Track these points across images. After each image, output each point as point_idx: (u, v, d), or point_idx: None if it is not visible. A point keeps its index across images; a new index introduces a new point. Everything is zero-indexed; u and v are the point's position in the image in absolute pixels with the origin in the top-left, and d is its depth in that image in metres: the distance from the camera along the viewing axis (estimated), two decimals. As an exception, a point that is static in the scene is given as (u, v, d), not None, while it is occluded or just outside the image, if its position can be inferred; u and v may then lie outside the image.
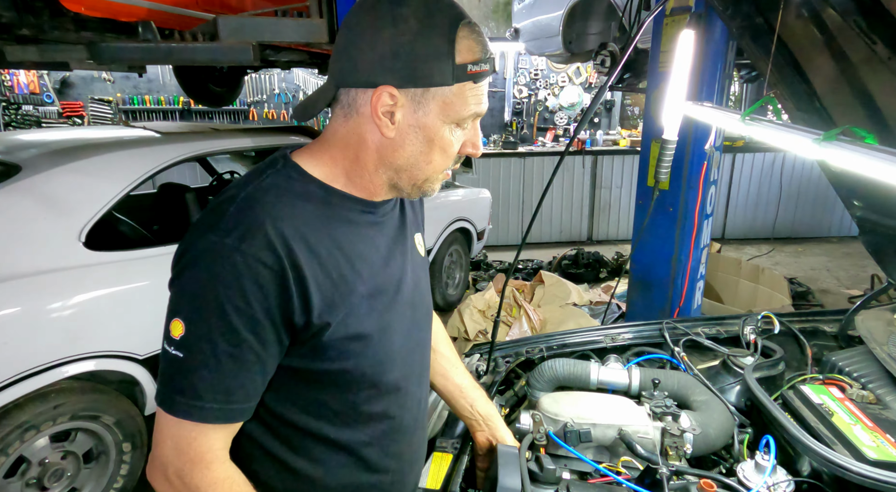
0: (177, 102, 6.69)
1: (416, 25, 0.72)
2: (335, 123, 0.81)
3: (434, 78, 0.74)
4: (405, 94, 0.74)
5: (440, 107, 0.76)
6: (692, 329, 1.61)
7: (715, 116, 1.20)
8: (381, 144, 0.78)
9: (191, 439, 0.73)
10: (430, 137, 0.78)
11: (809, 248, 6.49)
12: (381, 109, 0.75)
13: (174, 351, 0.71)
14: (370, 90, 0.74)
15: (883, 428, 1.09)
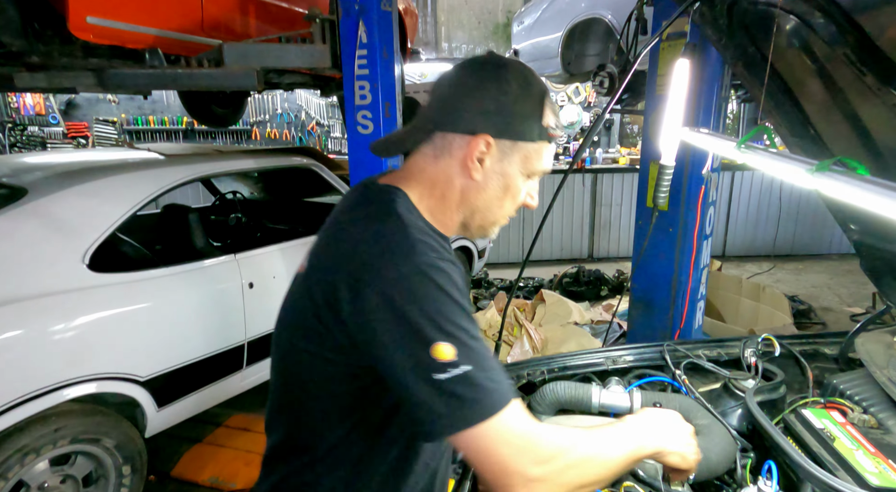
0: (180, 123, 6.78)
1: (517, 89, 0.85)
2: (423, 161, 0.90)
3: (525, 134, 0.86)
4: (498, 144, 0.86)
5: (521, 159, 0.88)
6: (693, 351, 1.61)
7: (711, 143, 1.22)
8: (466, 185, 0.88)
9: (520, 428, 0.75)
10: (508, 184, 0.89)
11: (810, 265, 6.49)
12: (475, 154, 0.85)
13: (462, 369, 0.72)
14: (468, 136, 0.85)
15: (885, 453, 1.09)
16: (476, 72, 0.87)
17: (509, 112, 0.85)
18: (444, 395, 0.71)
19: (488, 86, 0.85)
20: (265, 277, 2.89)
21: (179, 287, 2.49)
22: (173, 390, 2.45)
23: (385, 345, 0.74)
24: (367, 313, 0.74)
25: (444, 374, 0.71)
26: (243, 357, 2.81)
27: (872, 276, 1.41)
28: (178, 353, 2.44)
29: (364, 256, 0.77)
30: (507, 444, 0.73)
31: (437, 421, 0.72)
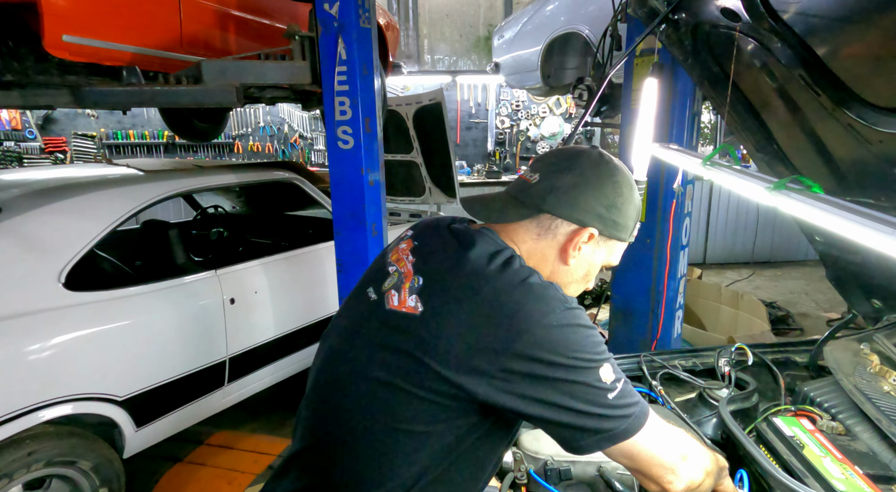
0: (161, 137, 6.72)
1: (627, 193, 0.95)
2: (525, 235, 0.96)
3: (623, 234, 0.97)
4: (598, 238, 0.95)
5: (607, 252, 0.98)
6: (669, 362, 1.64)
7: (679, 159, 1.26)
8: (558, 266, 0.96)
9: (662, 436, 0.88)
10: (590, 271, 0.99)
11: (787, 271, 6.62)
12: (579, 243, 0.93)
13: (620, 386, 0.83)
14: (576, 226, 0.93)
15: (851, 460, 1.12)
16: (594, 168, 0.94)
17: (618, 212, 0.94)
18: (619, 408, 0.82)
19: (605, 185, 0.93)
20: (246, 292, 2.87)
21: (159, 304, 2.47)
22: (152, 409, 2.41)
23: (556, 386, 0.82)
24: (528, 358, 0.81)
25: (613, 392, 0.82)
26: (225, 374, 2.78)
27: (837, 285, 1.45)
28: (157, 371, 2.41)
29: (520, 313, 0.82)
30: (661, 443, 0.87)
31: (610, 433, 0.83)
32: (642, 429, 0.85)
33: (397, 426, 0.86)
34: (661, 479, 0.88)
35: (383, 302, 0.92)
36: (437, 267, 0.91)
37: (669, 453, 0.88)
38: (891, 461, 1.14)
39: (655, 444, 0.87)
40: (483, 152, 7.78)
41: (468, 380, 0.82)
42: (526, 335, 0.80)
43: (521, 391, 0.82)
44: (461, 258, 0.90)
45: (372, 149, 2.40)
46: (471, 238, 0.93)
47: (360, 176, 2.38)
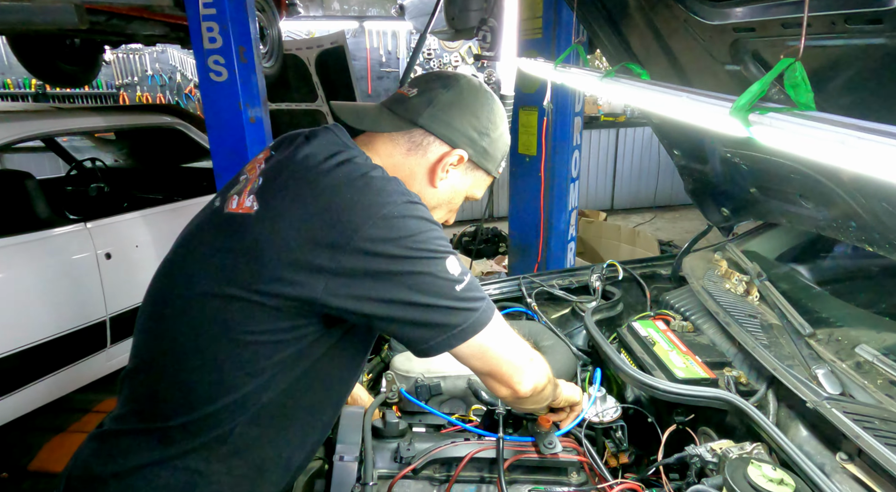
0: (27, 86, 5.93)
1: (500, 123, 0.97)
2: (393, 149, 0.93)
3: (489, 165, 0.97)
4: (467, 163, 0.95)
5: (472, 183, 0.98)
6: (548, 282, 1.69)
7: (537, 68, 1.24)
8: (424, 188, 0.94)
9: (509, 335, 0.88)
10: (453, 198, 0.98)
11: (685, 214, 7.10)
12: (449, 165, 0.93)
13: (466, 279, 0.81)
14: (448, 147, 0.92)
15: (694, 351, 1.21)
16: (474, 93, 0.94)
17: (490, 141, 0.94)
18: (465, 301, 0.80)
19: (482, 111, 0.93)
20: (125, 246, 2.64)
21: (18, 260, 2.21)
22: (17, 375, 2.20)
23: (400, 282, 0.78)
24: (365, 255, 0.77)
25: (460, 284, 0.80)
26: (106, 335, 2.58)
27: (695, 197, 1.53)
28: (19, 333, 2.18)
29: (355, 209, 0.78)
30: (509, 341, 0.87)
31: (453, 329, 0.80)
32: (490, 324, 0.84)
33: (232, 337, 0.80)
34: (511, 379, 0.88)
35: (223, 207, 0.87)
36: (276, 166, 0.87)
37: (517, 352, 0.89)
38: (727, 350, 1.23)
39: (504, 342, 0.87)
40: (397, 104, 7.58)
41: (306, 279, 0.76)
42: (365, 228, 0.76)
43: (364, 292, 0.77)
44: (299, 154, 0.86)
45: (250, 82, 2.22)
46: (314, 135, 0.89)
47: (239, 112, 2.20)
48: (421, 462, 1.01)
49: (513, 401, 0.94)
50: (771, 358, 1.02)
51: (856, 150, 0.41)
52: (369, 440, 1.04)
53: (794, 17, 0.74)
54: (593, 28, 1.43)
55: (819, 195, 1.02)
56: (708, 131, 1.24)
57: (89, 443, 0.89)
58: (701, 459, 0.96)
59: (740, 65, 0.97)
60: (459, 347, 0.83)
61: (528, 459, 1.04)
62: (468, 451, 1.03)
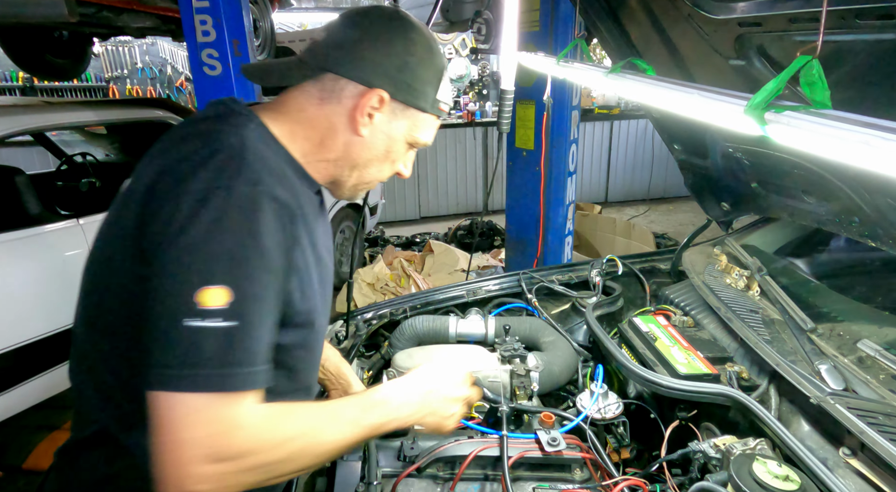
0: (15, 79, 5.83)
1: (422, 53, 0.81)
2: (305, 100, 0.82)
3: (420, 101, 0.83)
4: (391, 104, 0.82)
5: (410, 126, 0.85)
6: (547, 277, 1.69)
7: (538, 62, 1.23)
8: (351, 140, 0.83)
9: (234, 415, 0.64)
10: (392, 148, 0.86)
11: (679, 206, 7.13)
12: (366, 109, 0.80)
13: (223, 323, 0.62)
14: (362, 88, 0.79)
15: (695, 347, 1.21)
16: (385, 23, 0.81)
17: (412, 74, 0.81)
18: (186, 343, 0.62)
19: (396, 41, 0.80)
20: (119, 242, 2.61)
21: (9, 258, 2.18)
22: (11, 374, 2.17)
23: (157, 273, 0.65)
24: (156, 228, 0.67)
25: (197, 321, 0.62)
26: (101, 332, 2.55)
27: (694, 192, 1.53)
28: (13, 331, 2.15)
29: (180, 168, 0.69)
30: (203, 423, 0.62)
31: (161, 368, 0.62)
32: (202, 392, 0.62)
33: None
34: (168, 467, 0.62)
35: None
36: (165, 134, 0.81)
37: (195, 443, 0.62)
38: (728, 345, 1.24)
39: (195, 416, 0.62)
40: (390, 96, 7.52)
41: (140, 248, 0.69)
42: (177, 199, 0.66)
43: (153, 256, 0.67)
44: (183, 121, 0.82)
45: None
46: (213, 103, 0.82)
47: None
48: (425, 461, 1.01)
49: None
50: (773, 354, 1.03)
51: (880, 150, 0.40)
52: (372, 439, 1.04)
53: (804, 12, 0.73)
54: (593, 21, 1.42)
55: (822, 191, 1.01)
56: (710, 127, 1.24)
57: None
58: (704, 455, 0.97)
59: (745, 60, 0.96)
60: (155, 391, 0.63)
61: (532, 456, 1.04)
62: (472, 449, 1.02)
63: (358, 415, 0.78)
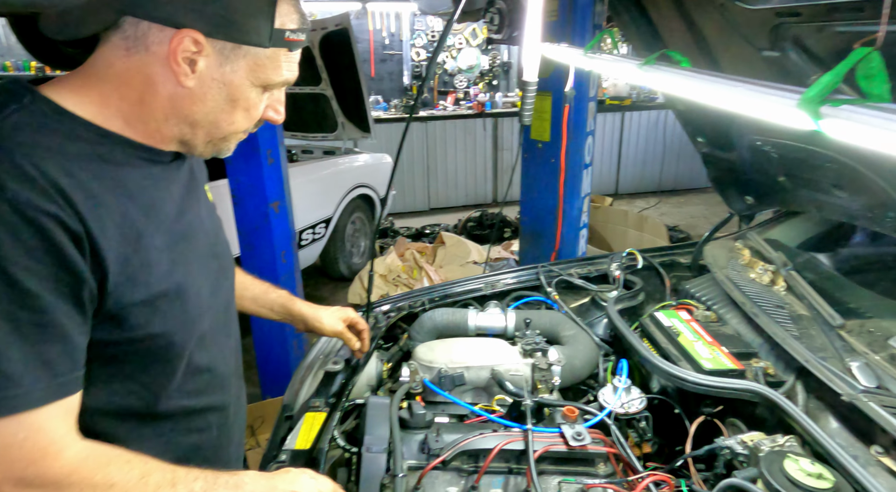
0: (27, 68, 5.85)
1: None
2: (110, 54, 0.70)
3: (250, 36, 0.70)
4: (213, 45, 0.69)
5: (250, 67, 0.72)
6: (566, 270, 1.68)
7: (564, 53, 1.21)
8: (176, 93, 0.71)
9: (24, 438, 0.62)
10: (235, 96, 0.74)
11: (690, 198, 7.07)
12: (181, 55, 0.68)
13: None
14: (170, 30, 0.67)
15: (720, 342, 1.20)
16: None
17: (227, 4, 0.67)
18: None
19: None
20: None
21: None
22: None
23: None
24: None
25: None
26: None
27: (717, 185, 1.51)
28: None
29: None
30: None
31: None
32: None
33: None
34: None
35: None
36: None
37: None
38: (753, 340, 1.23)
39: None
40: (399, 86, 7.47)
41: None
42: None
43: None
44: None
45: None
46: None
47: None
48: (450, 454, 1.01)
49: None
50: (803, 350, 1.01)
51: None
52: (397, 432, 1.04)
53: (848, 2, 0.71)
54: (617, 10, 1.40)
55: (855, 185, 1.00)
56: (736, 119, 1.22)
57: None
58: (731, 451, 0.96)
59: (779, 51, 0.94)
60: None
61: (557, 450, 1.04)
62: (497, 443, 1.02)
63: (199, 488, 0.71)
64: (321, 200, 3.95)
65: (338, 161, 4.37)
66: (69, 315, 0.64)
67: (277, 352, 2.55)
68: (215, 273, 0.89)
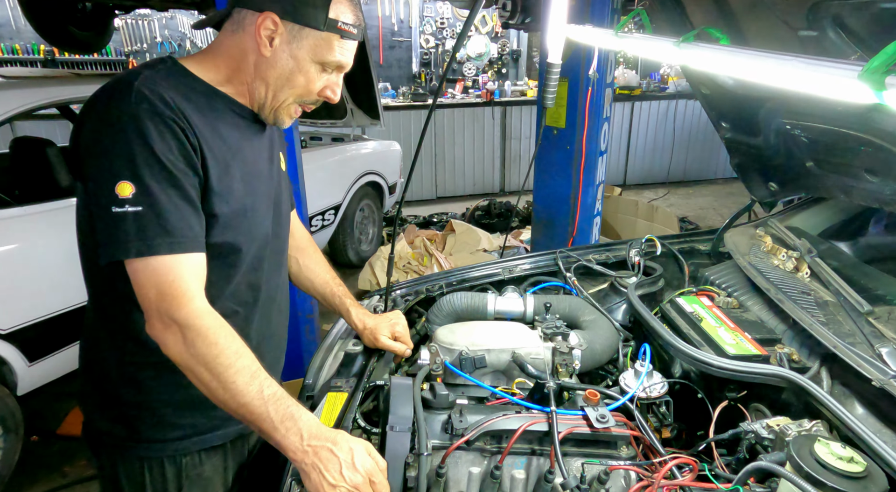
0: (37, 51, 5.82)
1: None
2: (223, 36, 0.98)
3: (309, 20, 0.93)
4: (285, 25, 0.93)
5: (311, 46, 0.95)
6: (584, 256, 1.67)
7: (591, 35, 1.19)
8: (259, 60, 0.96)
9: (171, 279, 0.86)
10: (298, 66, 0.96)
11: (698, 189, 7.03)
12: (263, 32, 0.92)
13: (132, 208, 0.84)
14: (257, 13, 0.92)
15: (742, 328, 1.19)
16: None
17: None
18: (116, 226, 0.84)
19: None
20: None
21: (43, 229, 2.20)
22: (46, 342, 2.21)
23: (89, 179, 0.87)
24: (81, 152, 0.88)
25: (121, 208, 0.84)
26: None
27: (740, 171, 1.49)
28: (47, 301, 2.19)
29: (91, 99, 0.90)
30: (151, 285, 0.85)
31: (104, 246, 0.86)
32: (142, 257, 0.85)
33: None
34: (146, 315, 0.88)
35: None
36: None
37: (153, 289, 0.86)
38: (776, 327, 1.22)
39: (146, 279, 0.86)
40: (408, 74, 7.42)
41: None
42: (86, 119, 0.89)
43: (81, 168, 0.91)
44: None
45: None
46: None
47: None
48: (474, 434, 1.01)
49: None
50: (831, 336, 1.01)
51: None
52: (420, 411, 1.04)
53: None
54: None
55: (890, 169, 0.98)
56: (766, 103, 1.20)
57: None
58: (756, 435, 0.96)
59: (817, 31, 0.92)
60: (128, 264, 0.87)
61: (580, 432, 1.04)
62: (520, 424, 1.02)
63: (269, 395, 0.86)
64: (330, 187, 3.95)
65: (347, 148, 4.34)
66: (196, 195, 0.91)
67: (290, 337, 2.55)
68: (273, 215, 1.10)
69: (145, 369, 1.01)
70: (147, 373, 1.02)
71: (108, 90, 0.89)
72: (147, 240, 0.84)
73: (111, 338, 1.03)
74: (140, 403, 1.03)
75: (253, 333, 1.09)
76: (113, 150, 0.84)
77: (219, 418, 1.07)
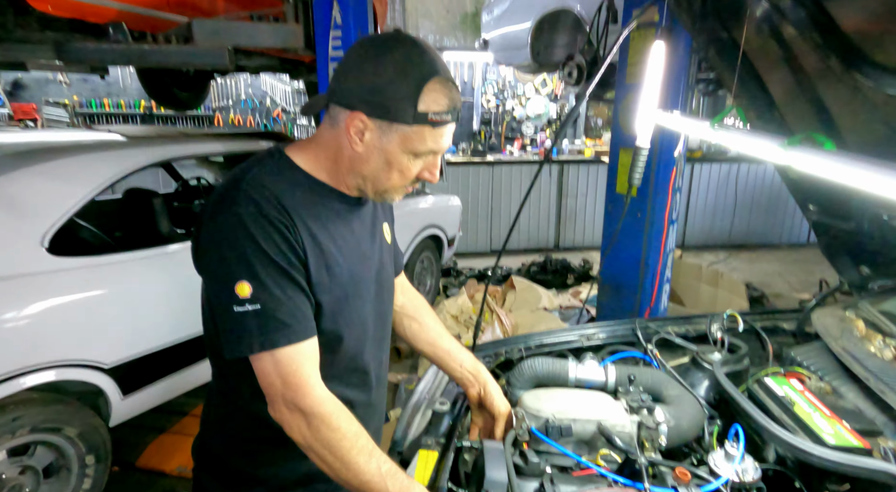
0: (138, 106, 6.50)
1: (392, 72, 0.90)
2: (323, 127, 1.01)
3: (397, 116, 0.92)
4: (374, 122, 0.93)
5: (401, 139, 0.94)
6: (663, 328, 1.68)
7: (685, 124, 1.27)
8: (353, 154, 0.98)
9: (294, 369, 0.91)
10: (390, 160, 0.97)
11: (762, 255, 6.80)
12: (352, 130, 0.94)
13: (251, 307, 0.89)
14: (347, 112, 0.94)
15: (840, 416, 1.17)
16: (362, 49, 0.94)
17: (381, 93, 0.90)
18: (239, 324, 0.89)
19: (366, 66, 0.91)
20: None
21: (143, 272, 2.42)
22: (139, 377, 2.38)
23: (208, 279, 0.95)
24: (200, 253, 0.95)
25: (241, 307, 0.89)
26: (212, 344, 2.75)
27: (829, 254, 1.49)
28: (144, 340, 2.37)
29: (208, 201, 0.96)
30: (276, 376, 0.91)
31: (229, 344, 0.91)
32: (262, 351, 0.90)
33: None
34: (270, 401, 0.94)
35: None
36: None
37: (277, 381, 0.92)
38: (875, 417, 1.19)
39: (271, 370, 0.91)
40: (469, 131, 7.74)
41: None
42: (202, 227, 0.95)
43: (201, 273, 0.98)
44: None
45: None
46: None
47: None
48: (569, 506, 1.03)
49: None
50: (941, 433, 0.98)
51: None
52: (514, 478, 1.07)
53: None
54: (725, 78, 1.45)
55: None
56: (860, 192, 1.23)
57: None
58: (863, 532, 0.94)
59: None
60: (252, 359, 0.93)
61: (674, 513, 1.04)
62: (614, 499, 1.04)
63: (386, 471, 0.92)
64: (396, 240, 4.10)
65: (409, 202, 4.53)
66: (303, 285, 0.95)
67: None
68: (374, 296, 1.13)
69: (259, 443, 1.09)
70: (261, 447, 1.09)
71: (221, 193, 0.94)
72: (268, 334, 0.90)
73: (230, 410, 1.10)
74: (249, 473, 1.11)
75: (360, 409, 1.14)
76: (229, 253, 0.89)
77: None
